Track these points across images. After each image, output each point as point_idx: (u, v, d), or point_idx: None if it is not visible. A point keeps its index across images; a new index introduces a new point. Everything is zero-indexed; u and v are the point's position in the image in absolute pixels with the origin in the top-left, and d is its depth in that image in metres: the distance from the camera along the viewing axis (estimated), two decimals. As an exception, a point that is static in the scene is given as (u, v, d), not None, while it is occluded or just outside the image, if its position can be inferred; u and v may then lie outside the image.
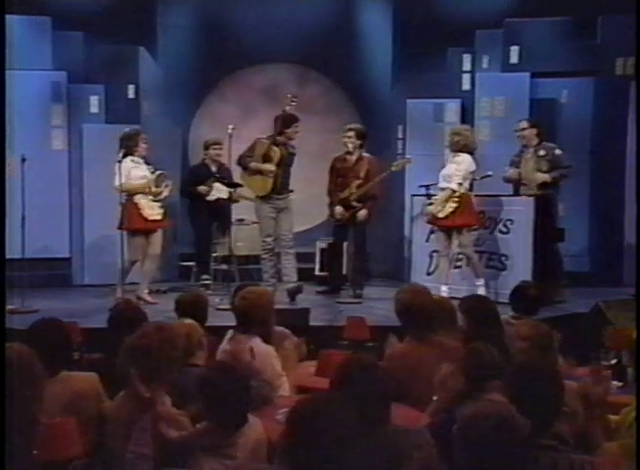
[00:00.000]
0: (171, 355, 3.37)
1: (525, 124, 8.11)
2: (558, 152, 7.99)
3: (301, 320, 6.11)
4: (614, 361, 4.62)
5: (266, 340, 4.36)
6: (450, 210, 7.64)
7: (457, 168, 7.65)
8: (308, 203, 9.36)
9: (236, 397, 3.03)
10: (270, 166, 7.83)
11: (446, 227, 7.74)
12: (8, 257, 7.85)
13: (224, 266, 8.64)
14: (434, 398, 3.80)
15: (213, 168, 8.62)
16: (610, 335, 4.87)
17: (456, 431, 2.57)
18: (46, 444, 2.68)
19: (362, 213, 8.15)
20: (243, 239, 9.28)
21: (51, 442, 2.70)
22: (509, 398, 2.87)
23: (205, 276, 8.60)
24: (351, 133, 8.19)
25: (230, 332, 4.47)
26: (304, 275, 8.78)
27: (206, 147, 8.67)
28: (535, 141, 8.05)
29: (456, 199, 7.62)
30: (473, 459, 2.45)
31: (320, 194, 8.61)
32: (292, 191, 8.07)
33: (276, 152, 7.85)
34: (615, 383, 4.45)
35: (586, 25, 9.33)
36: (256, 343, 4.23)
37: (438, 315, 4.55)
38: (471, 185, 7.81)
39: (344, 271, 8.59)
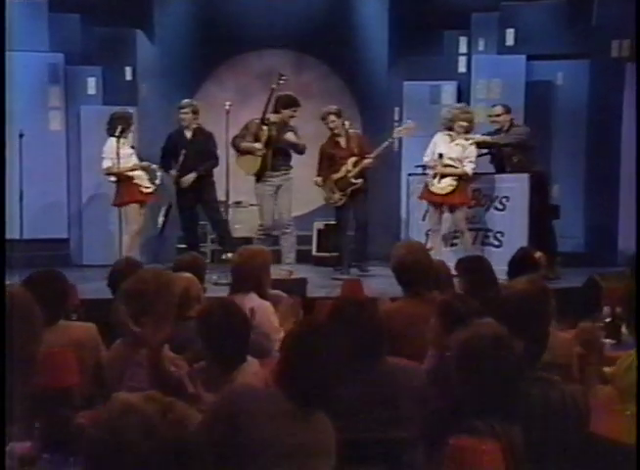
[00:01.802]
0: (168, 301, 3.35)
1: (500, 110, 8.15)
2: (515, 129, 8.04)
3: (299, 290, 6.13)
4: (608, 320, 4.65)
5: (262, 298, 4.39)
6: (451, 188, 7.67)
7: (468, 153, 7.70)
8: (306, 187, 9.35)
9: (236, 332, 3.04)
10: (258, 145, 7.85)
11: (444, 204, 7.76)
12: (5, 237, 7.91)
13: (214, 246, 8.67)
14: (429, 353, 3.81)
15: (187, 134, 8.21)
16: (604, 292, 4.91)
17: (453, 356, 2.57)
18: (44, 372, 2.69)
19: (367, 161, 8.15)
20: (240, 221, 9.30)
21: (49, 370, 2.71)
22: None
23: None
24: (333, 117, 8.25)
25: (228, 291, 4.50)
26: (303, 257, 8.86)
27: (178, 111, 8.29)
28: (507, 125, 8.10)
29: (456, 178, 7.66)
30: (471, 383, 2.45)
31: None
32: (291, 167, 8.06)
33: (264, 131, 7.87)
34: (608, 341, 4.49)
35: (582, 8, 9.38)
36: (253, 298, 4.26)
37: (435, 275, 4.56)
38: None
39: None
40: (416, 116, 9.45)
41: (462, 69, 9.65)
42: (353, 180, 8.19)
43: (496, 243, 7.89)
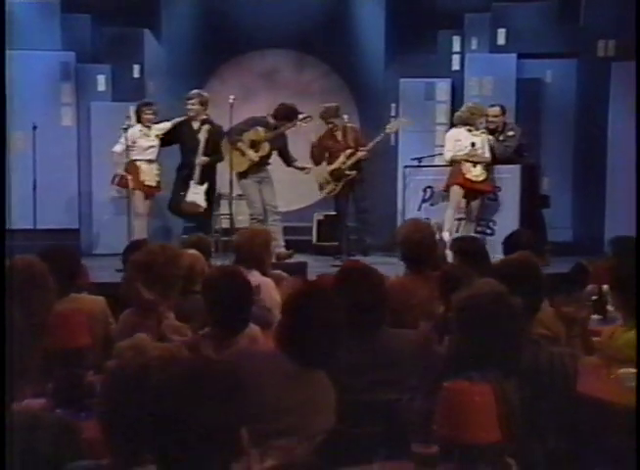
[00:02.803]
0: (174, 273, 3.39)
1: (499, 111, 8.15)
2: (510, 133, 8.07)
3: (299, 273, 6.15)
4: (594, 298, 4.68)
5: (264, 276, 4.40)
6: (484, 176, 7.73)
7: (485, 142, 7.79)
8: (306, 182, 9.36)
9: (239, 297, 3.05)
10: (254, 157, 7.93)
11: (477, 191, 7.80)
12: (19, 227, 7.96)
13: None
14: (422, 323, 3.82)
15: (195, 125, 8.02)
16: (592, 270, 4.93)
17: (454, 314, 2.57)
18: (57, 333, 2.71)
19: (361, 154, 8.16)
20: (243, 213, 9.29)
21: (62, 332, 2.73)
22: None
23: None
24: (332, 112, 8.26)
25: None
26: (303, 247, 8.88)
27: (185, 102, 8.13)
28: (501, 126, 8.14)
29: (485, 167, 7.73)
30: (470, 337, 2.46)
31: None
32: (269, 164, 8.15)
33: (265, 148, 7.97)
34: (595, 316, 4.51)
35: (570, 9, 9.41)
36: (255, 275, 4.27)
37: (436, 256, 4.57)
38: None
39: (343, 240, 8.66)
40: (411, 111, 9.51)
41: (456, 66, 9.68)
42: (347, 171, 8.22)
43: (489, 231, 7.92)
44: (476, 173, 7.70)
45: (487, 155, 7.77)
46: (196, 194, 7.83)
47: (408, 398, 2.60)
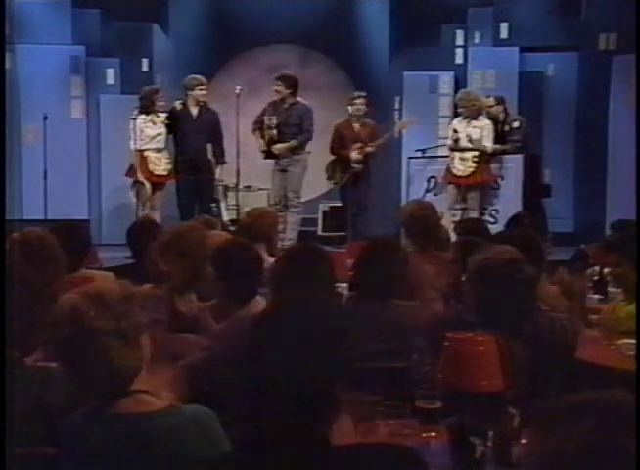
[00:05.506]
0: (202, 254, 3.36)
1: (492, 101, 8.13)
2: (515, 124, 8.05)
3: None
4: (596, 278, 4.67)
5: (271, 256, 4.41)
6: (471, 170, 7.70)
7: (485, 132, 7.72)
8: (312, 175, 9.37)
9: (249, 267, 3.05)
10: (262, 145, 8.01)
11: (469, 185, 7.79)
12: (31, 217, 8.00)
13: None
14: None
15: (194, 112, 7.94)
16: (594, 252, 4.93)
17: (469, 274, 2.58)
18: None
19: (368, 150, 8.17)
20: (250, 204, 9.29)
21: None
22: None
23: None
24: (362, 100, 8.26)
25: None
26: (309, 237, 8.88)
27: (191, 88, 7.88)
28: (502, 117, 8.09)
29: (477, 159, 7.68)
30: (481, 298, 2.47)
31: (322, 167, 8.65)
32: (294, 152, 8.07)
33: (266, 134, 7.98)
34: (596, 296, 4.51)
35: (571, 3, 9.43)
36: (263, 254, 4.27)
37: (439, 235, 4.58)
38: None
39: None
40: (415, 104, 9.53)
41: (459, 60, 9.70)
42: (354, 164, 8.23)
43: (492, 220, 7.92)
44: (462, 168, 7.70)
45: (487, 145, 7.70)
46: None
47: (413, 362, 2.61)
